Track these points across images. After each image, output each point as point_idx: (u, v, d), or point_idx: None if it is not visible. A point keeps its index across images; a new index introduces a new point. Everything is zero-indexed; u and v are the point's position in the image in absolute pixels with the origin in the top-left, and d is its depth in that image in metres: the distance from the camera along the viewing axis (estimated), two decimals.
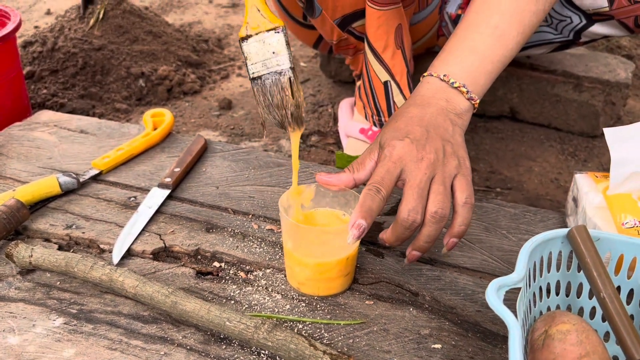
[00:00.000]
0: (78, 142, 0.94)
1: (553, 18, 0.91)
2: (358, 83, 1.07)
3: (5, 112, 1.03)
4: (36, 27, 1.62)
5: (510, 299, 0.59)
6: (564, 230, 0.55)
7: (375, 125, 0.98)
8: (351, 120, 1.06)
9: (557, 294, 0.57)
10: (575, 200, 0.73)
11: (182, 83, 1.30)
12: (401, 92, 0.92)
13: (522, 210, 0.79)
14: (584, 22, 0.88)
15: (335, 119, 1.23)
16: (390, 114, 0.95)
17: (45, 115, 1.03)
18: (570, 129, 1.19)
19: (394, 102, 0.93)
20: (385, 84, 0.92)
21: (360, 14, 0.92)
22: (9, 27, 0.98)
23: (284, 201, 0.64)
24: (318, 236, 0.61)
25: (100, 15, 1.30)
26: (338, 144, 1.16)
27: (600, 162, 1.11)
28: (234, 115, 1.24)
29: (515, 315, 0.46)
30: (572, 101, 1.16)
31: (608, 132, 0.69)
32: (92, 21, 1.29)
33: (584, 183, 0.72)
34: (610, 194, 0.68)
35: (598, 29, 0.89)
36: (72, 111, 1.20)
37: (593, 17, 0.86)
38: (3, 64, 1.00)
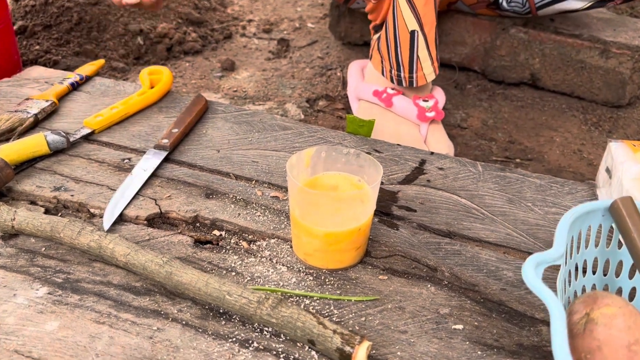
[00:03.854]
0: (70, 99, 0.88)
1: None
2: (376, 35, 0.99)
3: None
4: None
5: (545, 278, 0.53)
6: (607, 202, 0.49)
7: (392, 80, 0.91)
8: (363, 83, 1.00)
9: (594, 272, 0.52)
10: (609, 170, 0.67)
11: (183, 42, 1.23)
12: (427, 46, 0.85)
13: (549, 182, 0.73)
14: None
15: (344, 83, 1.16)
16: (411, 69, 0.87)
17: (36, 71, 0.97)
18: (594, 98, 1.11)
19: (417, 56, 0.86)
20: (412, 33, 0.84)
21: None
22: None
23: (293, 163, 0.58)
24: (329, 203, 0.55)
25: None
26: (347, 109, 1.09)
27: (626, 134, 1.04)
28: (237, 77, 1.17)
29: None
30: (598, 68, 1.08)
31: None
32: None
33: (619, 152, 0.66)
34: None
35: None
36: (66, 69, 1.14)
37: None
38: None
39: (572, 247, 0.49)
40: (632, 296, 0.52)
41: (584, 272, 0.51)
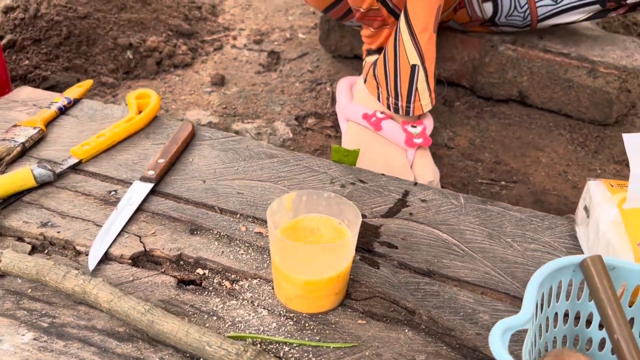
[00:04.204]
0: (57, 124, 0.88)
1: None
2: (370, 58, 0.99)
3: None
4: None
5: (516, 338, 0.54)
6: (577, 258, 0.50)
7: (389, 107, 0.91)
8: (352, 103, 1.00)
9: (565, 323, 0.53)
10: (587, 209, 0.68)
11: (173, 55, 1.23)
12: (427, 79, 0.86)
13: (529, 215, 0.74)
14: None
15: (333, 100, 1.16)
16: (409, 99, 0.88)
17: (24, 92, 0.97)
18: (581, 117, 1.12)
19: (416, 88, 0.87)
20: (413, 67, 0.85)
21: None
22: None
23: (274, 209, 0.59)
24: (307, 253, 0.56)
25: None
26: (336, 126, 1.10)
27: (612, 154, 1.05)
28: (226, 93, 1.17)
29: None
30: (586, 87, 1.09)
31: (627, 138, 0.64)
32: None
33: (597, 192, 0.67)
34: (627, 208, 0.63)
35: None
36: (56, 85, 1.14)
37: None
38: None
39: (543, 302, 0.50)
40: (602, 346, 0.53)
41: (555, 323, 0.52)
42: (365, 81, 0.95)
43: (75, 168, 0.79)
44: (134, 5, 1.25)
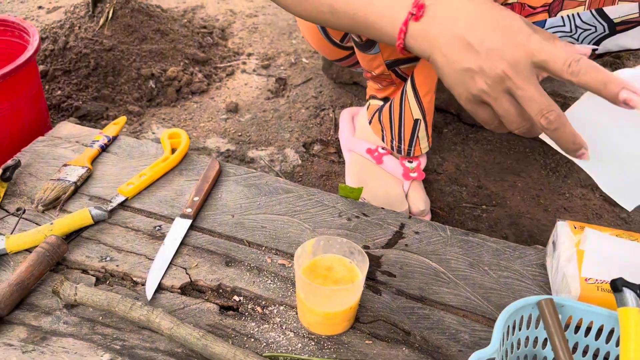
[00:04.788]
0: (101, 162, 1.02)
1: (578, 28, 0.90)
2: (373, 102, 1.12)
3: (28, 127, 1.10)
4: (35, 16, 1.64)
5: None
6: (535, 299, 0.66)
7: (392, 148, 1.06)
8: (354, 138, 1.15)
9: (526, 346, 0.69)
10: (554, 244, 0.84)
11: (190, 83, 1.36)
12: (426, 129, 1.02)
13: (503, 246, 0.90)
14: (607, 32, 0.88)
15: (336, 126, 1.30)
16: (410, 144, 1.04)
17: (66, 128, 1.10)
18: None
19: (417, 136, 1.02)
20: (416, 121, 1.01)
21: (413, 59, 0.97)
22: (30, 50, 1.03)
23: (299, 254, 0.74)
24: (327, 292, 0.72)
25: (110, 15, 1.33)
26: (339, 152, 1.24)
27: (579, 178, 1.21)
28: (240, 120, 1.31)
29: None
30: None
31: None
32: (102, 20, 1.33)
33: (563, 231, 0.83)
34: (581, 249, 0.79)
35: (618, 38, 0.89)
36: (87, 114, 1.27)
37: (617, 27, 0.86)
38: (26, 84, 1.06)
39: (509, 332, 0.66)
40: None
41: (519, 346, 0.68)
42: (370, 122, 1.09)
43: (122, 205, 0.93)
44: (153, 37, 1.38)
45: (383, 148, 1.08)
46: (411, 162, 1.07)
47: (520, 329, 0.67)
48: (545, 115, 0.58)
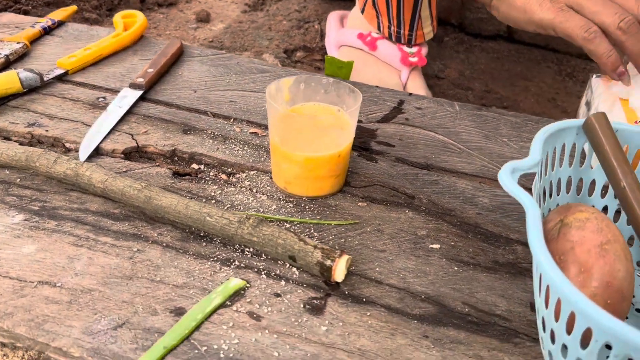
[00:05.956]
0: (42, 43, 0.85)
1: None
2: None
3: None
4: None
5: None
6: (581, 120, 0.50)
7: (390, 37, 0.90)
8: (344, 29, 0.99)
9: (568, 191, 0.53)
10: (588, 104, 0.69)
11: None
12: (429, 6, 0.85)
13: (524, 119, 0.74)
14: None
15: (322, 35, 1.15)
16: (412, 27, 0.88)
17: (6, 17, 0.94)
18: (568, 50, 1.13)
19: (419, 15, 0.86)
20: None
21: None
22: None
23: (272, 93, 0.57)
24: (309, 129, 0.55)
25: None
26: None
27: None
28: (212, 29, 1.15)
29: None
30: None
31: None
32: None
33: (599, 85, 0.67)
34: (623, 98, 0.63)
35: None
36: None
37: None
38: None
39: (547, 163, 0.50)
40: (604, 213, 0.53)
41: (558, 190, 0.52)
42: (362, 11, 0.94)
43: (61, 78, 0.77)
44: None
45: (377, 32, 0.92)
46: (410, 46, 0.91)
47: (560, 165, 0.51)
48: None
